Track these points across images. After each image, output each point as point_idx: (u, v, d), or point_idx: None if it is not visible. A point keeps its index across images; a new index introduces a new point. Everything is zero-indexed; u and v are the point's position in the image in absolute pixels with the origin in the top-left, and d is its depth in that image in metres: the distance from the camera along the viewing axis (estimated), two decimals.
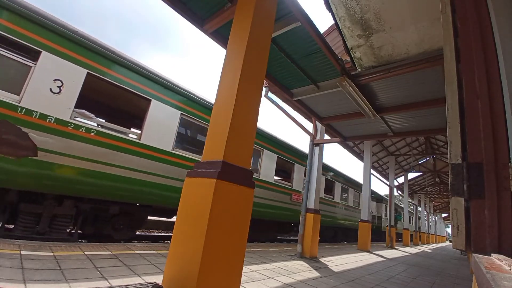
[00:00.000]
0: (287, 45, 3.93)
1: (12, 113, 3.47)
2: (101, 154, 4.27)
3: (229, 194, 2.02)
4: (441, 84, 4.29)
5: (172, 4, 3.36)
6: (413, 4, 3.12)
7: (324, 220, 11.03)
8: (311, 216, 6.08)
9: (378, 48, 3.89)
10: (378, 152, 12.93)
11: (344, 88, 4.52)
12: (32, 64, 3.68)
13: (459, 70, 1.36)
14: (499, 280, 0.59)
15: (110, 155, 4.37)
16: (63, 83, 3.90)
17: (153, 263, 3.23)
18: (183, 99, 5.53)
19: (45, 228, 3.94)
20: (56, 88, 3.84)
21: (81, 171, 4.07)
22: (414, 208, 22.97)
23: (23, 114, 3.54)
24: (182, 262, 1.94)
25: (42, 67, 3.73)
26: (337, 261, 5.85)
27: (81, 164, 4.06)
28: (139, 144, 4.75)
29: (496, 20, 1.31)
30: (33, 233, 3.85)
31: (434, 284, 4.77)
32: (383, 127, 6.57)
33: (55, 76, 3.84)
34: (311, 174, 6.49)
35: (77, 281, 2.25)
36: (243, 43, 2.32)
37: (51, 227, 4.03)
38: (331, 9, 3.45)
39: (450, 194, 1.23)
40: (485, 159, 1.16)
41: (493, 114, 1.20)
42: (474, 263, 0.90)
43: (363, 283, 3.99)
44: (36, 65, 3.69)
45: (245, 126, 2.26)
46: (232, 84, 2.26)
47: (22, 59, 3.62)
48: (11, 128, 3.44)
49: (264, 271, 3.82)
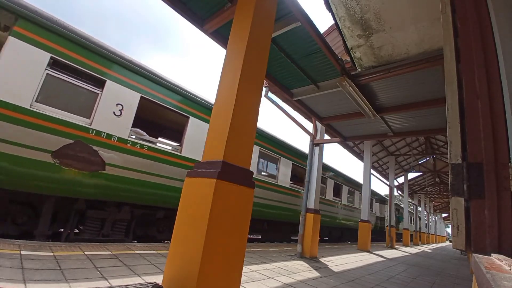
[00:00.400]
0: (287, 45, 3.93)
1: (85, 134, 4.09)
2: (150, 166, 4.91)
3: (229, 194, 2.02)
4: (441, 84, 4.29)
5: (172, 4, 3.36)
6: (413, 4, 3.12)
7: (332, 222, 11.56)
8: (311, 216, 6.08)
9: (378, 48, 3.89)
10: (378, 152, 12.93)
11: (344, 88, 4.52)
12: (99, 91, 4.30)
13: (459, 70, 1.36)
14: (499, 280, 0.59)
15: (157, 166, 5.03)
16: (123, 106, 4.54)
17: (153, 263, 3.23)
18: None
19: (109, 231, 4.55)
20: (118, 111, 4.49)
21: (136, 182, 4.69)
22: (414, 208, 22.97)
23: (94, 134, 4.18)
24: (182, 262, 1.94)
25: (107, 94, 4.36)
26: (337, 261, 5.85)
27: (137, 175, 4.69)
28: (180, 156, 5.43)
29: (496, 20, 1.31)
30: (98, 235, 4.43)
31: (434, 284, 4.77)
32: (383, 127, 6.56)
33: (117, 101, 4.47)
34: (311, 174, 6.49)
35: (77, 281, 2.25)
36: (243, 43, 2.32)
37: (112, 230, 4.63)
38: (331, 9, 3.45)
39: (450, 194, 1.23)
40: (485, 159, 1.16)
41: (493, 114, 1.20)
42: (474, 263, 0.90)
43: (363, 283, 3.99)
44: (102, 92, 4.32)
45: (245, 126, 2.26)
46: (232, 84, 2.26)
47: (91, 88, 4.25)
48: (85, 147, 4.07)
49: (264, 271, 3.83)
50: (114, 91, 4.43)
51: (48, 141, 3.72)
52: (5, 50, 3.48)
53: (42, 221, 3.93)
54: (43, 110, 3.72)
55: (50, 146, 3.73)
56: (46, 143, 3.71)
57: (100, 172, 4.21)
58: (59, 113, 3.87)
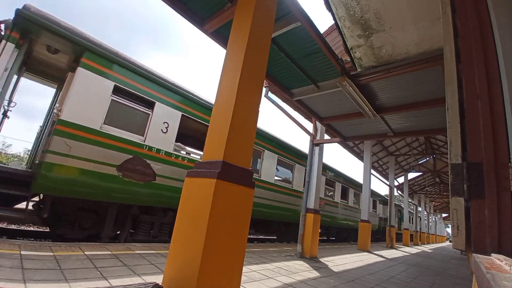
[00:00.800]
0: (287, 45, 3.93)
1: (140, 149, 4.76)
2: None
3: (229, 194, 2.02)
4: (441, 84, 4.29)
5: (172, 4, 3.36)
6: (413, 4, 3.12)
7: (340, 223, 12.32)
8: (311, 216, 6.07)
9: (378, 48, 3.89)
10: (378, 152, 12.93)
11: (344, 88, 4.51)
12: (150, 112, 5.00)
13: (459, 70, 1.36)
14: (499, 280, 0.59)
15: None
16: (168, 124, 5.20)
17: (153, 263, 3.23)
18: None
19: (156, 232, 5.25)
20: (165, 129, 5.16)
21: (179, 189, 5.51)
22: (414, 208, 22.97)
23: (147, 150, 4.85)
24: (182, 262, 1.94)
25: (156, 114, 5.03)
26: (337, 261, 5.85)
27: (179, 184, 5.22)
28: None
29: (496, 20, 1.31)
30: (149, 236, 5.14)
31: (434, 284, 4.77)
32: (383, 127, 6.56)
33: (164, 120, 5.13)
34: (311, 174, 6.49)
35: (77, 281, 2.25)
36: (243, 43, 2.32)
37: (160, 232, 5.33)
38: (331, 9, 3.45)
39: (450, 194, 1.23)
40: (485, 159, 1.16)
41: (493, 114, 1.20)
42: (474, 263, 0.90)
43: (363, 283, 3.99)
44: (152, 112, 5.01)
45: (245, 126, 2.25)
46: (232, 84, 2.26)
47: (144, 109, 4.96)
48: (140, 161, 4.74)
49: (264, 271, 3.82)
50: (161, 111, 5.10)
51: (114, 157, 4.41)
52: (76, 80, 4.08)
53: (107, 225, 4.59)
54: (110, 131, 4.41)
55: (115, 161, 4.41)
56: (113, 159, 4.39)
57: (152, 182, 4.90)
58: (121, 133, 4.58)
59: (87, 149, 4.10)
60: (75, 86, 4.03)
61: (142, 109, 4.90)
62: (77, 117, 4.02)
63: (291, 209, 8.65)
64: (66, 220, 4.36)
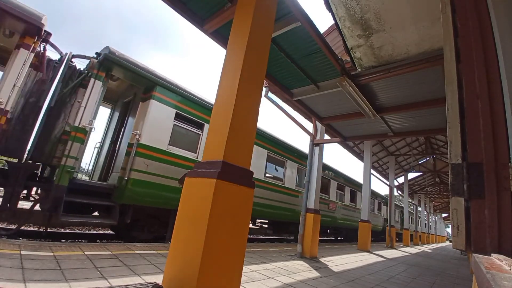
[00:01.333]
0: (287, 45, 3.93)
1: (193, 165, 4.92)
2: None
3: (229, 194, 2.02)
4: (441, 84, 4.28)
5: (172, 4, 3.36)
6: (413, 4, 3.12)
7: (347, 223, 13.05)
8: (311, 216, 6.07)
9: (378, 48, 3.89)
10: (378, 152, 12.93)
11: (344, 88, 4.51)
12: (200, 132, 5.89)
13: (459, 70, 1.36)
14: (499, 280, 0.59)
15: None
16: None
17: (153, 263, 3.23)
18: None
19: None
20: None
21: None
22: (414, 208, 22.97)
23: None
24: (182, 262, 1.93)
25: (205, 133, 5.75)
26: (337, 261, 5.85)
27: None
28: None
29: (496, 20, 1.31)
30: None
31: (434, 284, 4.77)
32: (383, 127, 6.56)
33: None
34: (311, 174, 6.49)
35: (77, 281, 2.25)
36: (243, 43, 2.32)
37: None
38: (331, 9, 3.45)
39: (450, 194, 1.23)
40: (485, 159, 1.16)
41: (493, 114, 1.20)
42: (474, 263, 0.90)
43: (363, 283, 3.99)
44: (202, 133, 5.88)
45: (245, 126, 2.25)
46: (232, 84, 2.26)
47: (196, 130, 5.88)
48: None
49: (264, 271, 3.82)
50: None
51: (175, 172, 5.25)
52: (151, 110, 4.99)
53: (170, 227, 5.29)
54: (173, 150, 5.34)
55: (176, 174, 5.20)
56: (174, 173, 5.22)
57: None
58: (181, 151, 5.48)
59: (157, 166, 5.04)
60: (149, 115, 4.94)
61: (194, 130, 5.81)
62: (152, 141, 4.97)
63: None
64: (138, 225, 5.30)
